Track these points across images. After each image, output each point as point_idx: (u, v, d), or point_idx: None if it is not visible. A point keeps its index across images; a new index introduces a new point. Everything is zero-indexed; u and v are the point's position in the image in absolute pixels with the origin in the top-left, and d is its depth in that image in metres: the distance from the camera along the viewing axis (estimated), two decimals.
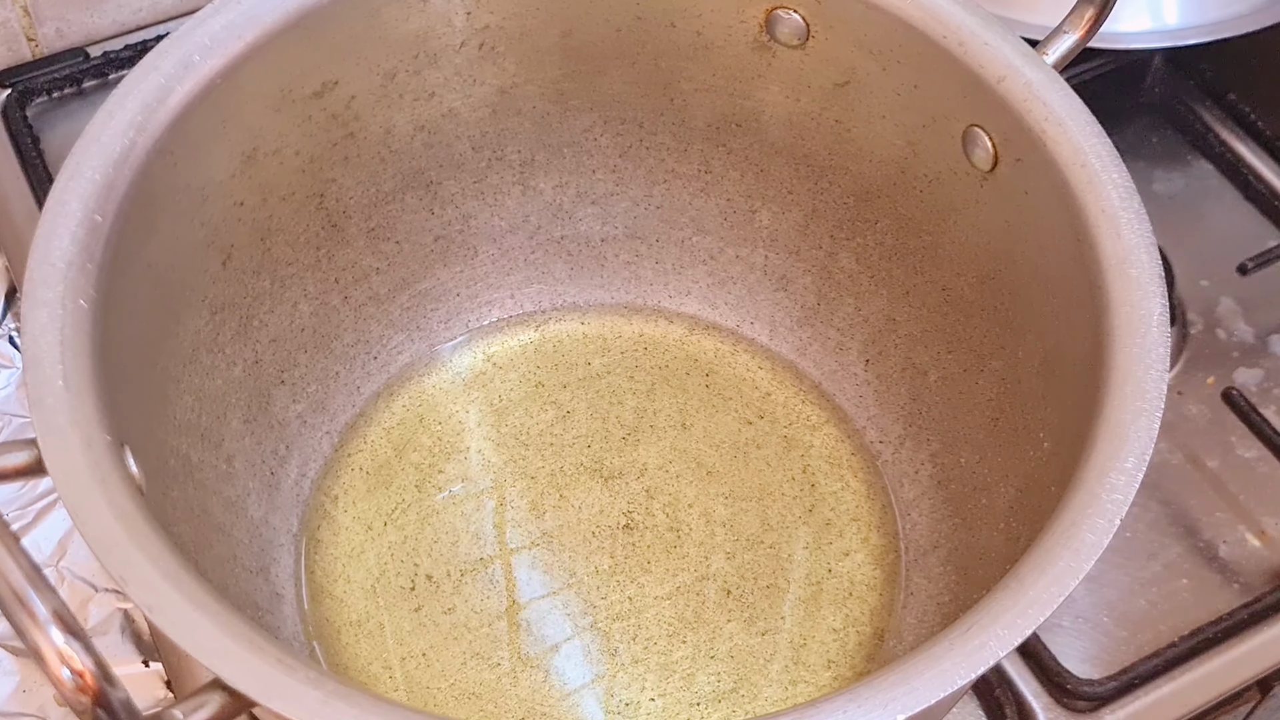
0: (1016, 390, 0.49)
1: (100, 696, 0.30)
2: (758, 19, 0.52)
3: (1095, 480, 0.38)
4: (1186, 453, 0.60)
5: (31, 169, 0.65)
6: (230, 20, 0.47)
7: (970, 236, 0.51)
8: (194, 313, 0.48)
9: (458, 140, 0.56)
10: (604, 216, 0.60)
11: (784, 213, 0.58)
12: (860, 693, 0.34)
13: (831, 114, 0.54)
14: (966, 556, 0.51)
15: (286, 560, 0.54)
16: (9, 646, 0.54)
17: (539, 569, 0.54)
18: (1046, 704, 0.53)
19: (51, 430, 0.37)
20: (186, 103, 0.45)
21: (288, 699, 0.33)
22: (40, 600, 0.30)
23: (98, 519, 0.35)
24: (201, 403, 0.49)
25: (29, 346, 0.38)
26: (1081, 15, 0.49)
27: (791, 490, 0.57)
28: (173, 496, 0.44)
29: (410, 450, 0.58)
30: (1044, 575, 0.36)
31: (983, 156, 0.49)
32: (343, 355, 0.57)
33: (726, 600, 0.54)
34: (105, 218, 0.42)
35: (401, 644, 0.52)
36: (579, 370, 0.60)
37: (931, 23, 0.48)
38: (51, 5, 0.69)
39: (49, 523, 0.57)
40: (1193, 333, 0.64)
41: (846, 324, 0.59)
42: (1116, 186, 0.44)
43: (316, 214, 0.54)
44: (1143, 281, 0.42)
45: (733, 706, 0.51)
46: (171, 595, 0.34)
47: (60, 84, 0.70)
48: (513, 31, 0.54)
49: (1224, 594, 0.56)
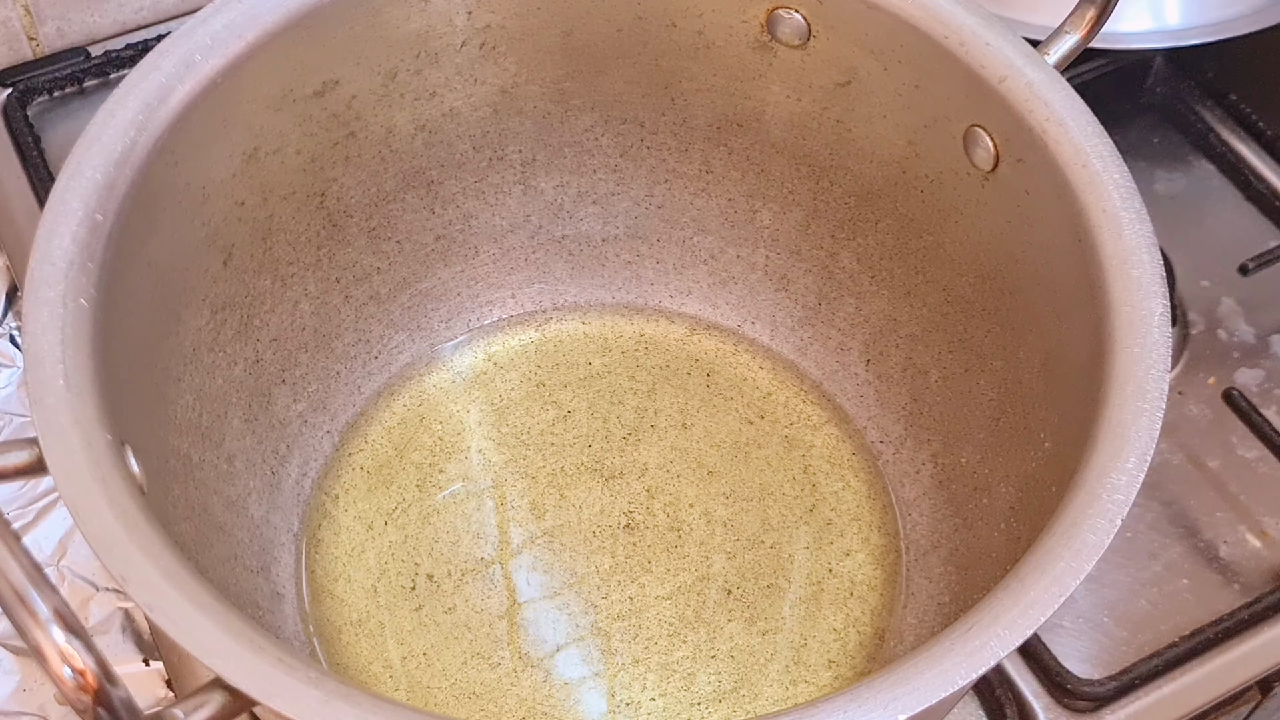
0: (1017, 390, 0.49)
1: (101, 695, 0.30)
2: (759, 19, 0.52)
3: (1096, 480, 0.38)
4: (1187, 453, 0.60)
5: (33, 168, 0.65)
6: (231, 20, 0.47)
7: (971, 236, 0.51)
8: (195, 312, 0.48)
9: (459, 140, 0.56)
10: (605, 216, 0.60)
11: (785, 213, 0.58)
12: (861, 693, 0.34)
13: (832, 114, 0.54)
14: (967, 556, 0.51)
15: (287, 559, 0.54)
16: (10, 645, 0.54)
17: (540, 569, 0.54)
18: (1047, 704, 0.53)
19: (52, 429, 0.37)
20: (188, 102, 0.45)
21: (288, 698, 0.33)
22: (41, 599, 0.30)
23: (98, 518, 0.35)
24: (202, 402, 0.49)
25: (30, 345, 0.38)
26: (1083, 15, 0.49)
27: (792, 490, 0.57)
28: (173, 495, 0.44)
29: (411, 450, 0.58)
30: (1045, 575, 0.36)
31: (984, 156, 0.49)
32: (344, 354, 0.57)
33: (727, 600, 0.54)
34: (106, 217, 0.42)
35: (402, 643, 0.52)
36: (580, 370, 0.60)
37: (933, 23, 0.48)
38: (52, 4, 0.69)
39: (50, 522, 0.57)
40: (1194, 333, 0.64)
41: (847, 324, 0.59)
42: (1118, 187, 0.44)
43: (317, 213, 0.54)
44: (1144, 281, 0.42)
45: (733, 706, 0.51)
46: (172, 594, 0.34)
47: (61, 83, 0.70)
48: (514, 31, 0.54)
49: (1224, 594, 0.56)
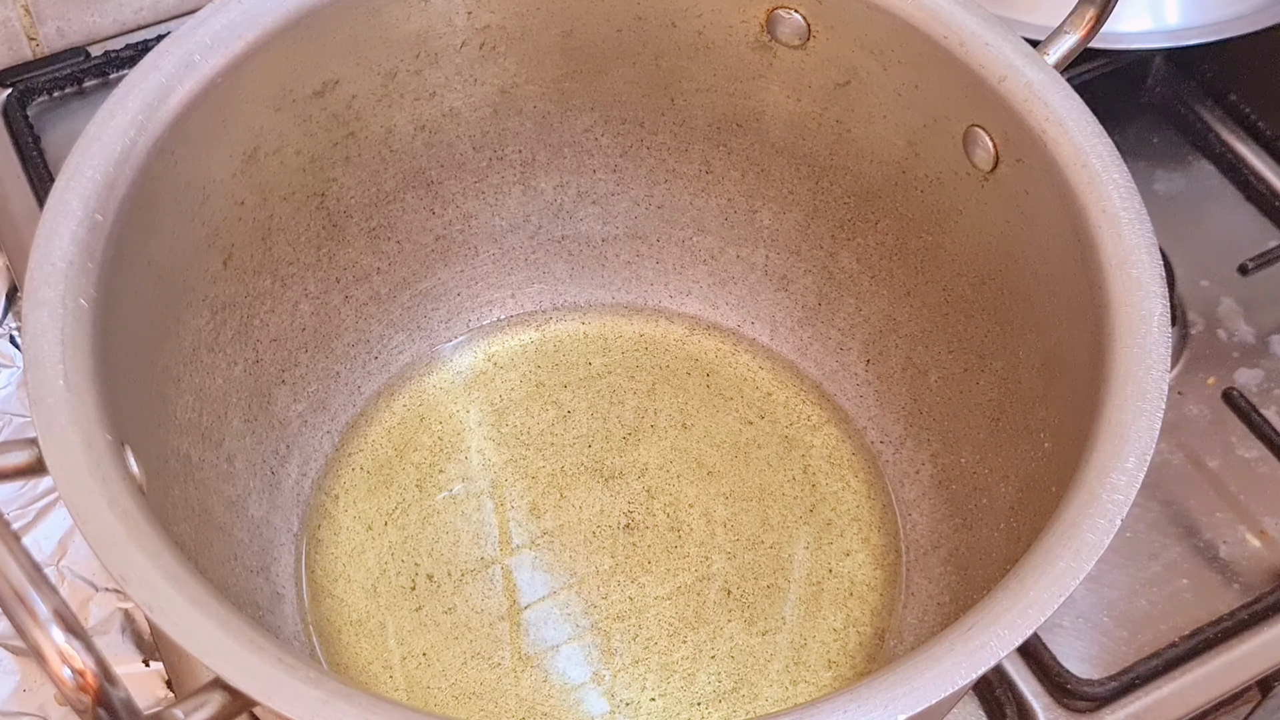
0: (1017, 390, 0.49)
1: (101, 695, 0.30)
2: (759, 19, 0.52)
3: (1096, 480, 0.38)
4: (1187, 453, 0.60)
5: (32, 168, 0.65)
6: (231, 19, 0.47)
7: (971, 236, 0.51)
8: (195, 312, 0.48)
9: (459, 140, 0.56)
10: (605, 216, 0.60)
11: (785, 213, 0.58)
12: (860, 693, 0.34)
13: (832, 114, 0.54)
14: (967, 556, 0.51)
15: (287, 560, 0.54)
16: (9, 646, 0.54)
17: (539, 569, 0.54)
18: (1047, 704, 0.53)
19: (52, 429, 0.37)
20: (187, 102, 0.45)
21: (288, 698, 0.33)
22: (41, 599, 0.30)
23: (98, 518, 0.35)
24: (202, 402, 0.49)
25: (30, 346, 0.38)
26: (1082, 15, 0.49)
27: (792, 490, 0.57)
28: (173, 496, 0.44)
29: (411, 450, 0.58)
30: (1044, 575, 0.36)
31: (983, 157, 0.49)
32: (343, 355, 0.57)
33: (727, 600, 0.54)
34: (106, 217, 0.42)
35: (402, 644, 0.52)
36: (580, 370, 0.60)
37: (932, 23, 0.48)
38: (52, 4, 0.69)
39: (50, 522, 0.57)
40: (1193, 333, 0.64)
41: (847, 324, 0.59)
42: (1117, 186, 0.44)
43: (317, 213, 0.54)
44: (1143, 281, 0.42)
45: (733, 706, 0.51)
46: (172, 595, 0.34)
47: (61, 83, 0.69)
48: (514, 31, 0.54)
49: (1224, 594, 0.56)
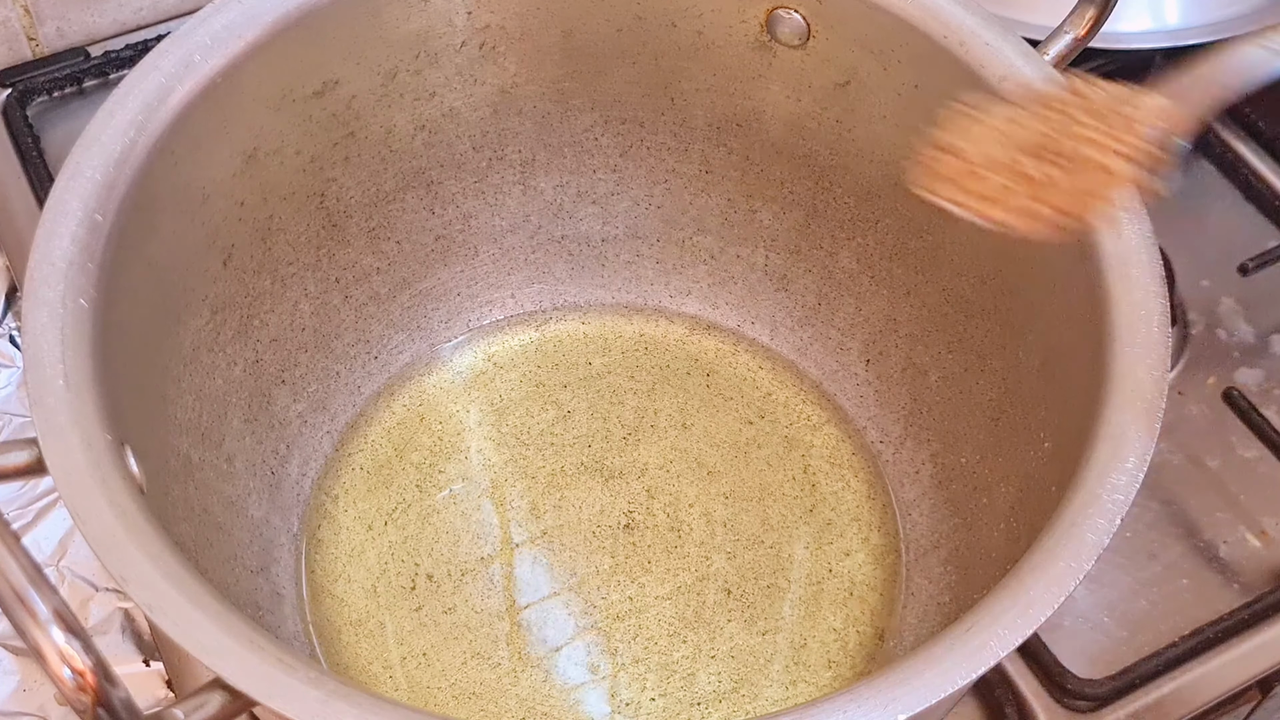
0: (1017, 390, 0.49)
1: (101, 695, 0.30)
2: (758, 19, 0.52)
3: (1096, 480, 0.38)
4: (1187, 453, 0.60)
5: (32, 168, 0.65)
6: (231, 20, 0.47)
7: (971, 237, 0.51)
8: (194, 312, 0.48)
9: (458, 140, 0.56)
10: (605, 216, 0.60)
11: (785, 212, 0.58)
12: (860, 693, 0.34)
13: (832, 114, 0.54)
14: (967, 556, 0.51)
15: (287, 560, 0.54)
16: (9, 646, 0.54)
17: (539, 569, 0.54)
18: (1046, 704, 0.52)
19: (52, 430, 0.37)
20: (187, 102, 0.45)
21: (288, 698, 0.33)
22: (41, 599, 0.30)
23: (98, 518, 0.35)
24: (202, 402, 0.49)
25: (30, 346, 0.38)
26: (1082, 15, 0.49)
27: (792, 490, 0.57)
28: (173, 496, 0.44)
29: (411, 450, 0.58)
30: (1044, 575, 0.36)
31: None
32: (343, 355, 0.57)
33: (727, 600, 0.54)
34: (106, 217, 0.42)
35: (402, 643, 0.52)
36: (579, 370, 0.60)
37: (932, 22, 0.48)
38: (52, 4, 0.69)
39: (49, 522, 0.57)
40: (1193, 333, 0.64)
41: (847, 324, 0.59)
42: None
43: (317, 213, 0.54)
44: (1143, 281, 0.42)
45: (733, 706, 0.51)
46: (172, 595, 0.34)
47: (61, 83, 0.69)
48: (513, 31, 0.54)
49: (1224, 594, 0.56)
